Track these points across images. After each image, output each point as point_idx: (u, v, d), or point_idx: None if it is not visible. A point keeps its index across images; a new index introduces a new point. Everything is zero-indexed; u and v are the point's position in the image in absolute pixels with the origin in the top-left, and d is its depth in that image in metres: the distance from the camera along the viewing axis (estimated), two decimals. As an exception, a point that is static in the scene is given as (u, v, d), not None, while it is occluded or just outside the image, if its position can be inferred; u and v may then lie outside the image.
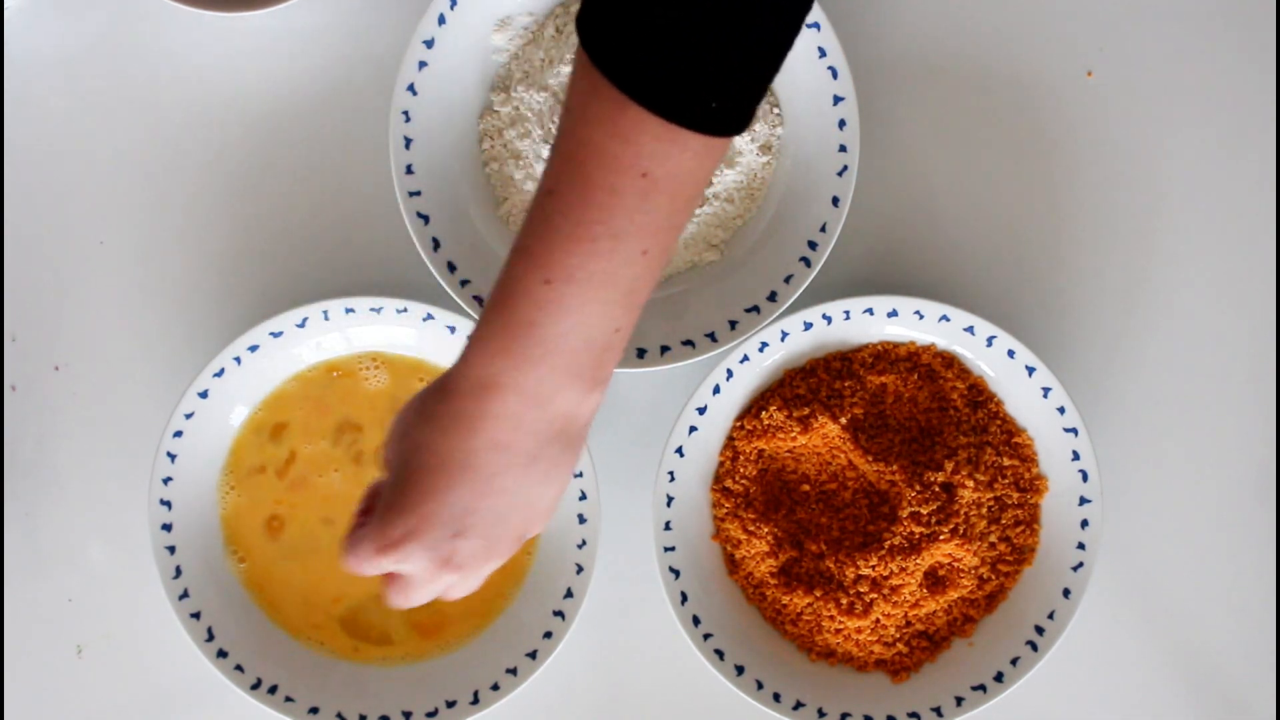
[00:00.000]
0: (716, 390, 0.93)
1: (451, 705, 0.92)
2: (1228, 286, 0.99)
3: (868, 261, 0.98)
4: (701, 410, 0.93)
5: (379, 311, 0.93)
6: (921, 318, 0.93)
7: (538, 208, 0.68)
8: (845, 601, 0.92)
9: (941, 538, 0.92)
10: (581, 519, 0.93)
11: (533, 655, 0.92)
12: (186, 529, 0.93)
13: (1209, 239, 0.99)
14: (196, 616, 0.92)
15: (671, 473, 0.93)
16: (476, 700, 0.92)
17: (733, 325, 0.94)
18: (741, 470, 0.94)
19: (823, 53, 0.94)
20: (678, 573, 0.93)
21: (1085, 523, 0.93)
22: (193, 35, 0.98)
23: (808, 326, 0.93)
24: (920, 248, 0.98)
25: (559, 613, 0.93)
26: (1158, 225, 0.99)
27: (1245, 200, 0.99)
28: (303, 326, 0.93)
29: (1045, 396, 0.93)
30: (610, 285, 0.68)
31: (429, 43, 0.93)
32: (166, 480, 0.92)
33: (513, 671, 0.93)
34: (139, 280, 0.98)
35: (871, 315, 0.93)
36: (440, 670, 0.94)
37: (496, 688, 0.92)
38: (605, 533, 0.95)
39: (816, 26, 0.93)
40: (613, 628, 0.98)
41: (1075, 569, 0.93)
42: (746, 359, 0.93)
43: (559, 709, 0.98)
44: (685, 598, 0.93)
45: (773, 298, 0.93)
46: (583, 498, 0.93)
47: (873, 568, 0.92)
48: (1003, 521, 0.93)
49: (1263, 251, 0.99)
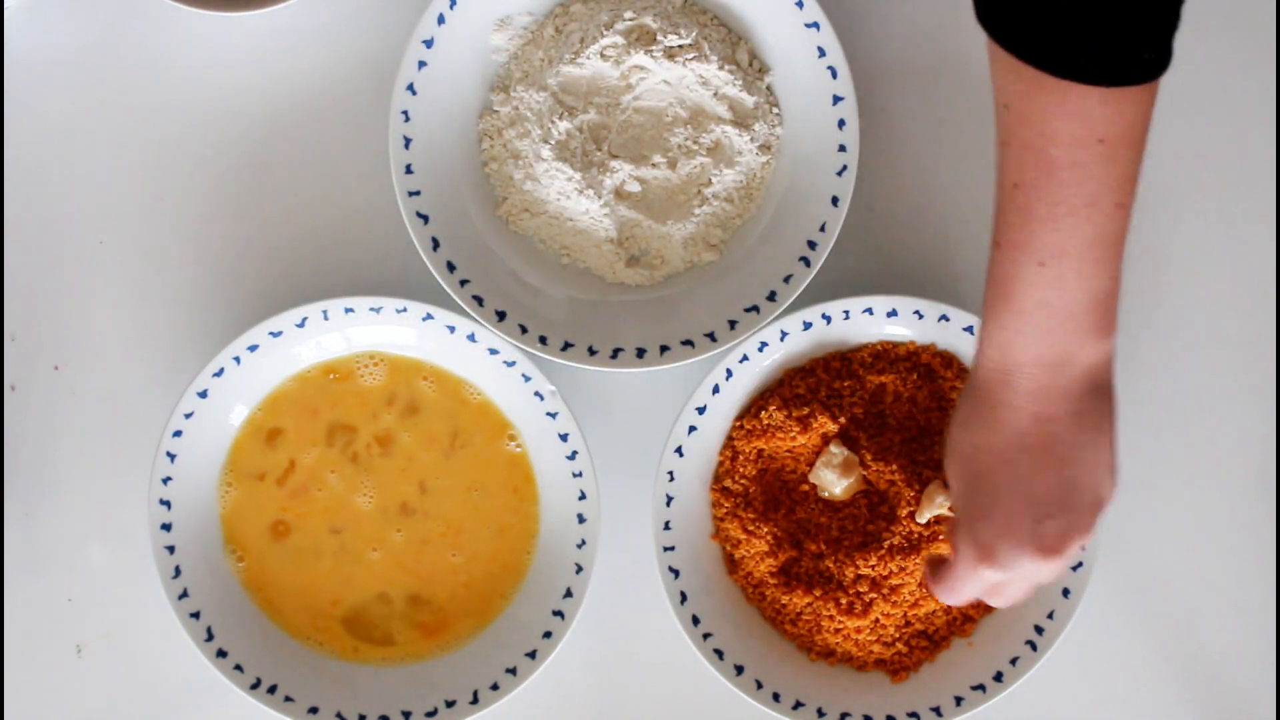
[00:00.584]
0: (716, 390, 0.93)
1: (451, 705, 0.92)
2: (1228, 286, 0.99)
3: (868, 261, 0.98)
4: (701, 410, 0.93)
5: (378, 311, 0.93)
6: (921, 318, 0.93)
7: (1008, 202, 0.73)
8: (845, 601, 0.92)
9: (941, 537, 0.92)
10: (581, 519, 0.93)
11: (532, 655, 0.92)
12: (186, 529, 0.93)
13: (1209, 239, 0.99)
14: (196, 616, 0.92)
15: (671, 472, 0.93)
16: (476, 700, 0.92)
17: (732, 325, 0.94)
18: (741, 470, 0.94)
19: (822, 53, 0.94)
20: (677, 572, 0.93)
21: (1085, 523, 0.93)
22: (193, 35, 0.98)
23: (807, 326, 0.93)
24: (920, 248, 0.98)
25: (559, 613, 0.93)
26: (1157, 225, 0.99)
27: (1245, 200, 0.99)
28: (302, 326, 0.93)
29: (1045, 396, 0.93)
30: (1098, 245, 0.72)
31: (429, 43, 0.93)
32: (166, 480, 0.92)
33: (512, 671, 0.93)
34: (139, 280, 0.98)
35: (871, 315, 0.93)
36: (440, 670, 0.94)
37: (496, 688, 0.92)
38: (605, 533, 0.95)
39: (816, 26, 0.93)
40: (612, 627, 0.98)
41: (1075, 569, 0.93)
42: (746, 359, 0.93)
43: (559, 709, 0.98)
44: (685, 597, 0.93)
45: (772, 297, 0.93)
46: (582, 498, 0.93)
47: (872, 567, 0.92)
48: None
49: (1263, 251, 0.99)
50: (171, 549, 0.92)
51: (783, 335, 0.93)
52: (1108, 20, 0.68)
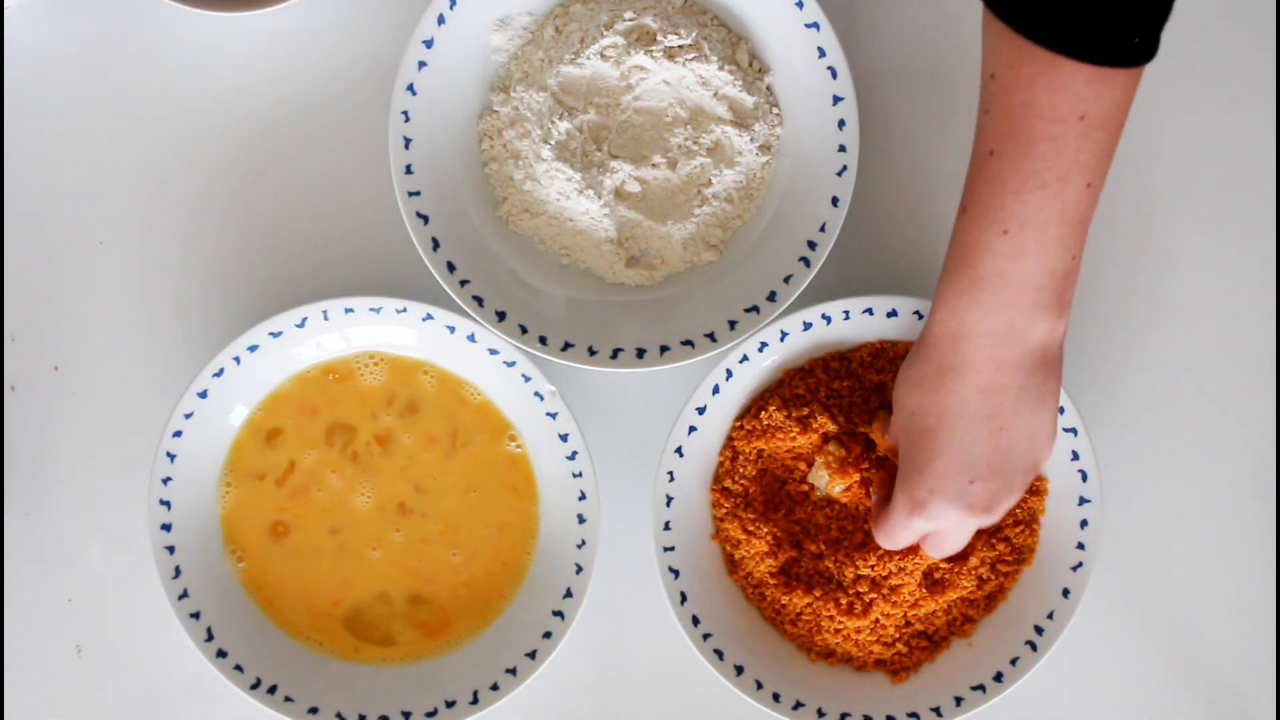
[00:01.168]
0: (716, 390, 0.93)
1: (451, 705, 0.92)
2: (1227, 286, 0.99)
3: (868, 261, 0.98)
4: (701, 410, 0.93)
5: (378, 311, 0.93)
6: (921, 318, 0.93)
7: (981, 169, 0.75)
8: (845, 601, 0.92)
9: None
10: (581, 519, 0.93)
11: (532, 655, 0.93)
12: (186, 529, 0.93)
13: (1209, 239, 0.99)
14: (196, 616, 0.92)
15: (671, 473, 0.93)
16: (476, 700, 0.92)
17: (732, 325, 0.94)
18: (741, 470, 0.94)
19: (822, 53, 0.94)
20: (677, 573, 0.93)
21: (1085, 523, 0.93)
22: (193, 35, 0.98)
23: (807, 326, 0.93)
24: (920, 248, 0.98)
25: (558, 613, 0.93)
26: (1157, 225, 0.99)
27: (1245, 200, 0.99)
28: (302, 326, 0.93)
29: (1045, 396, 0.93)
30: (1062, 221, 0.74)
31: (429, 43, 0.93)
32: (166, 480, 0.92)
33: (512, 671, 0.93)
34: (139, 280, 0.98)
35: (871, 315, 0.93)
36: (440, 670, 0.94)
37: (496, 688, 0.92)
38: (605, 533, 0.95)
39: (816, 27, 0.93)
40: (612, 628, 0.98)
41: (1075, 569, 0.93)
42: (746, 359, 0.93)
43: (559, 709, 0.98)
44: (685, 598, 0.93)
45: (772, 298, 0.93)
46: (582, 498, 0.93)
47: (872, 567, 0.92)
48: (1002, 521, 0.93)
49: (1262, 251, 0.99)
50: (171, 549, 0.92)
51: (783, 335, 0.93)
52: (1104, 2, 0.70)
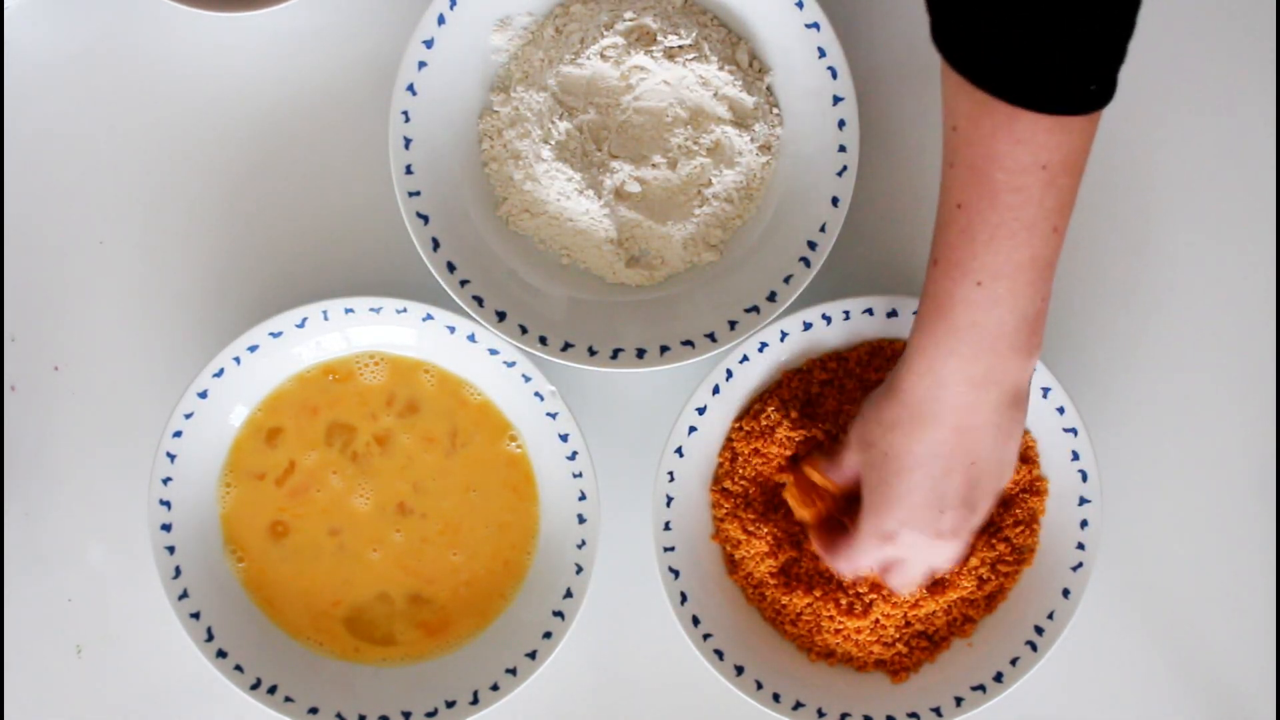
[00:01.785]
0: (716, 390, 0.93)
1: (451, 705, 0.92)
2: (1227, 286, 0.99)
3: (868, 261, 0.98)
4: (701, 410, 0.93)
5: (378, 311, 0.93)
6: (921, 318, 0.93)
7: (950, 221, 0.77)
8: (845, 602, 0.92)
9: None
10: (581, 519, 0.93)
11: (532, 655, 0.93)
12: (186, 529, 0.93)
13: (1209, 239, 0.99)
14: (196, 616, 0.92)
15: (671, 473, 0.93)
16: (476, 700, 0.92)
17: (732, 325, 0.94)
18: (740, 471, 0.94)
19: (822, 53, 0.94)
20: (677, 573, 0.93)
21: (1085, 523, 0.93)
22: (193, 35, 0.98)
23: (807, 327, 0.93)
24: (920, 248, 0.98)
25: (558, 613, 0.93)
26: (1157, 225, 0.99)
27: (1245, 200, 0.99)
28: (302, 327, 0.93)
29: (1045, 396, 0.93)
30: (1032, 267, 0.76)
31: (429, 43, 0.93)
32: (166, 480, 0.92)
33: (512, 672, 0.93)
34: (139, 280, 0.98)
35: (871, 315, 0.93)
36: (440, 670, 0.94)
37: (496, 688, 0.92)
38: (605, 533, 0.95)
39: (816, 27, 0.93)
40: (612, 628, 0.98)
41: (1075, 569, 0.93)
42: (746, 359, 0.93)
43: (559, 709, 0.98)
44: (685, 598, 0.93)
45: (772, 298, 0.93)
46: (582, 498, 0.93)
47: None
48: (1002, 521, 0.93)
49: (1262, 251, 0.99)
50: (171, 549, 0.92)
51: (783, 335, 0.93)
52: (1059, 51, 0.71)
